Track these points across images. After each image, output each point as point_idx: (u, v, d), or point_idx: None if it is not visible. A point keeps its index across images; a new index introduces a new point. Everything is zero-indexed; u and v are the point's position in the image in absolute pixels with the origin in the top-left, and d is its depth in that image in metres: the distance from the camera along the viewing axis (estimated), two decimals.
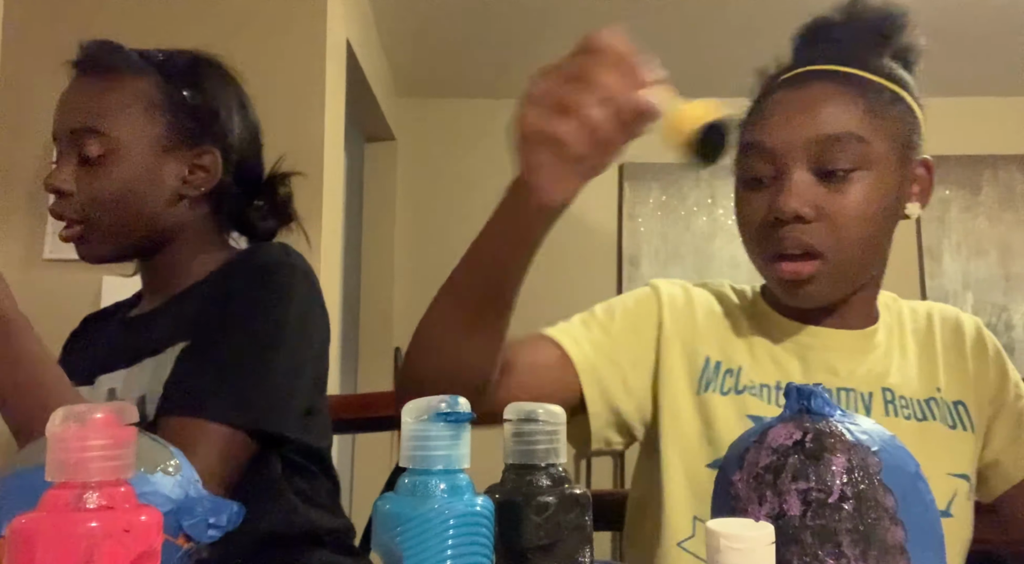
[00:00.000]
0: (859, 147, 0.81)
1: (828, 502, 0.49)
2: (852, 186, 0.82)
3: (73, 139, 0.96)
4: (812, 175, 0.82)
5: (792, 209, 0.80)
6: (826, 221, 0.81)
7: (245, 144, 1.07)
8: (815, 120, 0.82)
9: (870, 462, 0.50)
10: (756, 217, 0.85)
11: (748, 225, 0.87)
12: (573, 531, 0.50)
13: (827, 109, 0.82)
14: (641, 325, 0.93)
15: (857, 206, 0.81)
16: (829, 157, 0.81)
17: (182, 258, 1.03)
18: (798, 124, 0.82)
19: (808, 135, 0.82)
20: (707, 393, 0.89)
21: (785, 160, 0.82)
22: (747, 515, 0.51)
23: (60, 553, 0.35)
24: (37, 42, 2.15)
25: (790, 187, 0.81)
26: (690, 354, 0.91)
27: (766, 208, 0.83)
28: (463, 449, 0.46)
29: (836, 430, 0.52)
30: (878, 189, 0.83)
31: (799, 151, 0.82)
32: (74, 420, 0.37)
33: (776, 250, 0.83)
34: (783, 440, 0.52)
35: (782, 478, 0.51)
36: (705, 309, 0.95)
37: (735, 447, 0.56)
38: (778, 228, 0.82)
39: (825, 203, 0.81)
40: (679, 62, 1.00)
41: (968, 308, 3.45)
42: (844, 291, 0.88)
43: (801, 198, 0.81)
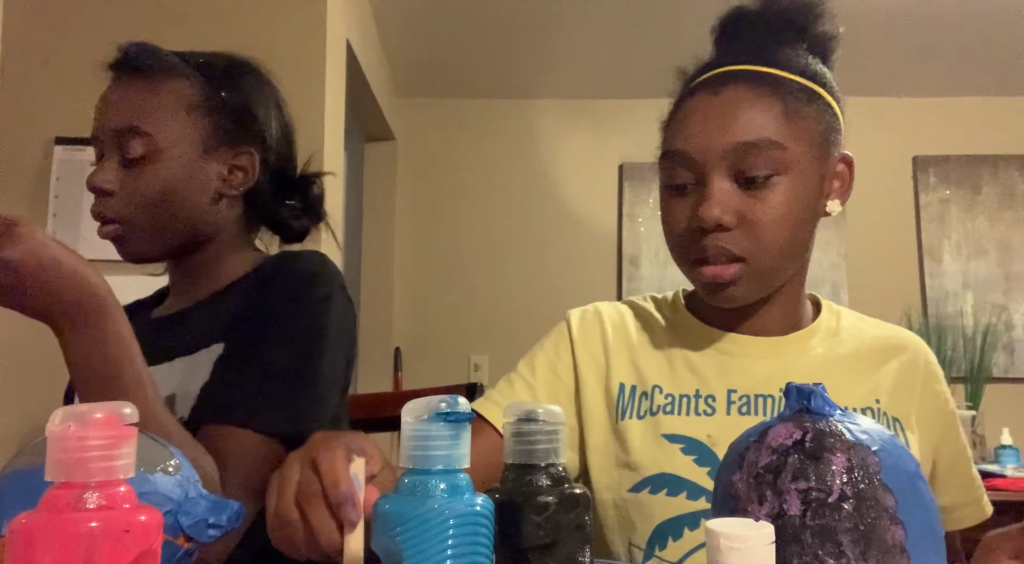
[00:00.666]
0: (777, 153, 0.82)
1: (828, 502, 0.49)
2: (771, 192, 0.83)
3: (116, 139, 0.97)
4: (731, 182, 0.83)
5: (714, 218, 0.82)
6: (747, 227, 0.83)
7: (281, 144, 1.09)
8: (732, 127, 0.83)
9: (870, 462, 0.50)
10: (680, 223, 0.87)
11: (672, 231, 0.89)
12: (573, 531, 0.50)
13: (744, 115, 0.83)
14: (559, 367, 0.96)
15: (777, 211, 0.83)
16: (747, 164, 0.82)
17: (216, 258, 1.04)
18: (716, 131, 0.83)
19: (726, 143, 0.83)
20: (625, 421, 0.90)
21: (705, 168, 0.84)
22: (747, 515, 0.51)
23: (60, 553, 0.35)
24: (37, 42, 2.14)
25: (711, 196, 0.82)
26: (605, 386, 0.93)
27: (689, 215, 0.85)
28: (463, 449, 0.46)
29: (836, 430, 0.52)
30: (797, 192, 0.84)
31: (718, 159, 0.83)
32: (74, 420, 0.37)
33: (699, 255, 0.85)
34: (783, 440, 0.52)
35: (782, 478, 0.51)
36: (618, 331, 0.97)
37: (735, 447, 0.56)
38: (701, 235, 0.84)
39: (746, 210, 0.83)
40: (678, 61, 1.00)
41: (968, 308, 3.45)
42: (766, 291, 0.89)
43: (722, 206, 0.82)
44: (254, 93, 1.05)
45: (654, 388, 0.91)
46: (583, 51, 3.22)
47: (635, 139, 3.65)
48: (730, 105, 0.84)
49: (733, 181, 0.83)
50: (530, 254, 3.57)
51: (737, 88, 0.85)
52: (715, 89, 0.86)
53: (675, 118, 0.89)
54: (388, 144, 3.64)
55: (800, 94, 0.85)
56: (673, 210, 0.88)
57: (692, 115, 0.86)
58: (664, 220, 0.90)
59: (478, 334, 3.50)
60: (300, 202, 1.12)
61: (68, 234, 2.10)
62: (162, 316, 1.06)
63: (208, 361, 0.95)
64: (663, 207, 0.90)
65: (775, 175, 0.83)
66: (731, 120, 0.83)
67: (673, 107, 0.92)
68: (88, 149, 2.11)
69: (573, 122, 3.66)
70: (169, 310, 1.07)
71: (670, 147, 0.88)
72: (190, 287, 1.05)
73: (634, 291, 3.48)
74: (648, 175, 3.63)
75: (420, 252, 3.62)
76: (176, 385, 0.95)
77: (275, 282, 0.97)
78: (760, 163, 0.82)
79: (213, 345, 0.95)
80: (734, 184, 0.83)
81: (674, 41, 1.02)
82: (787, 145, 0.83)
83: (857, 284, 3.44)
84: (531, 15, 2.94)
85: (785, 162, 0.83)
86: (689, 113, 0.87)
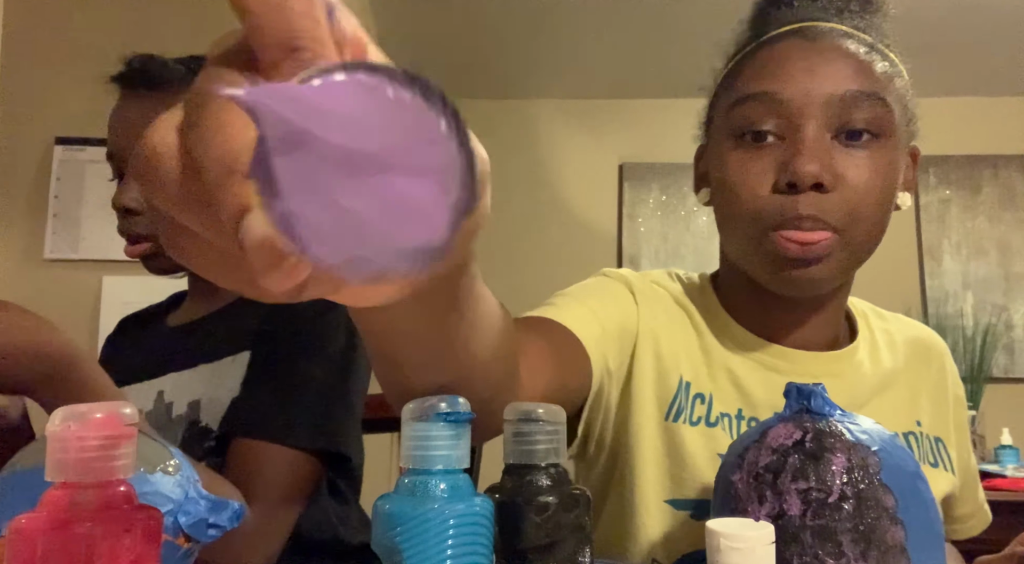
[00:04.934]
0: (883, 110, 0.71)
1: (828, 502, 0.49)
2: (871, 154, 0.71)
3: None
4: (829, 137, 0.71)
5: (812, 172, 0.69)
6: (844, 192, 0.70)
7: None
8: (839, 75, 0.71)
9: (870, 462, 0.50)
10: (758, 181, 0.72)
11: (745, 189, 0.73)
12: (573, 531, 0.50)
13: (852, 65, 0.72)
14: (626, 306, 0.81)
15: (875, 178, 0.71)
16: (852, 117, 0.71)
17: None
18: (821, 76, 0.71)
19: (829, 90, 0.71)
20: (676, 423, 0.77)
21: (801, 115, 0.71)
22: (747, 515, 0.51)
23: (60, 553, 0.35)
24: (37, 42, 2.14)
25: (808, 147, 0.69)
26: (659, 371, 0.79)
27: (773, 171, 0.71)
28: (463, 449, 0.45)
29: (836, 430, 0.52)
30: (892, 163, 0.73)
31: (818, 107, 0.71)
32: (74, 420, 0.37)
33: (781, 222, 0.71)
34: (783, 440, 0.52)
35: (782, 478, 0.51)
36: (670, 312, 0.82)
37: (734, 447, 0.56)
38: (790, 194, 0.70)
39: (844, 170, 0.70)
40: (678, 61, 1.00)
41: (968, 308, 3.45)
42: (842, 278, 0.77)
43: (821, 161, 0.69)
44: None
45: (710, 396, 0.79)
46: (583, 51, 3.22)
47: (635, 139, 3.65)
48: (835, 53, 0.72)
49: (832, 137, 0.71)
50: (530, 254, 3.57)
51: (833, 40, 0.73)
52: (811, 37, 0.74)
53: (753, 65, 0.76)
54: None
55: (890, 63, 0.76)
56: (746, 164, 0.73)
57: (787, 58, 0.73)
58: (731, 176, 0.74)
59: None
60: None
61: (68, 234, 2.11)
62: (182, 323, 1.07)
63: (234, 369, 0.95)
64: (729, 162, 0.74)
65: (878, 136, 0.72)
66: (836, 67, 0.71)
67: (742, 57, 0.79)
68: (88, 149, 2.12)
69: (573, 122, 3.66)
70: (189, 317, 1.07)
71: (753, 90, 0.73)
72: (210, 295, 1.05)
73: None
74: (648, 175, 3.63)
75: None
76: (200, 391, 0.96)
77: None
78: (865, 117, 0.71)
79: (239, 353, 0.96)
80: (833, 141, 0.71)
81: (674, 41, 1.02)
82: (891, 105, 0.72)
83: (857, 284, 3.41)
84: (531, 15, 2.94)
85: (888, 123, 0.72)
86: (782, 56, 0.74)
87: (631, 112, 3.64)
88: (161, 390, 0.99)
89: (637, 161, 3.60)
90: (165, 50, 1.03)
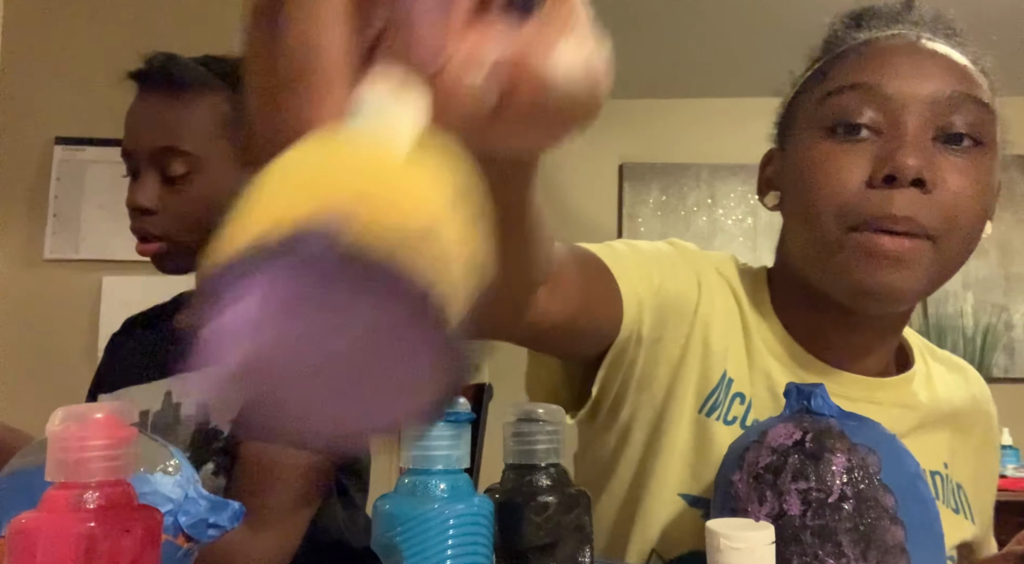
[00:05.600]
0: (987, 116, 0.68)
1: (828, 502, 0.49)
2: (972, 160, 0.67)
3: (154, 158, 0.97)
4: (930, 137, 0.67)
5: (914, 166, 0.63)
6: (943, 197, 0.65)
7: None
8: (947, 75, 0.67)
9: (870, 462, 0.50)
10: (851, 175, 0.66)
11: (836, 182, 0.67)
12: (573, 531, 0.50)
13: (957, 67, 0.68)
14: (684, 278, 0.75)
15: (974, 186, 0.67)
16: (956, 119, 0.67)
17: None
18: (929, 75, 0.67)
19: (934, 89, 0.66)
20: (710, 418, 0.73)
21: (903, 111, 0.66)
22: (747, 515, 0.51)
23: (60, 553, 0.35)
24: (37, 42, 2.15)
25: (910, 142, 0.65)
26: (707, 362, 0.74)
27: (867, 164, 0.66)
28: (463, 449, 0.46)
29: (836, 430, 0.51)
30: (992, 174, 0.69)
31: (923, 105, 0.66)
32: (74, 420, 0.37)
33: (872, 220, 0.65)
34: (783, 440, 0.52)
35: (782, 478, 0.50)
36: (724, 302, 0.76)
37: (734, 447, 0.56)
38: (888, 187, 0.64)
39: (945, 172, 0.66)
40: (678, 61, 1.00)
41: (968, 308, 3.45)
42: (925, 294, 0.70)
43: (924, 157, 0.64)
44: None
45: (750, 400, 0.74)
46: None
47: (635, 139, 3.65)
48: (942, 56, 0.69)
49: (933, 138, 0.67)
50: None
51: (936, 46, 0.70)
52: (912, 40, 0.70)
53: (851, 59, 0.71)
54: None
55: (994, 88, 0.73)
56: (837, 156, 0.67)
57: (894, 53, 0.69)
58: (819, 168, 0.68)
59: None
60: None
61: (68, 234, 2.11)
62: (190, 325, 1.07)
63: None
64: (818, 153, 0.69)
65: (979, 143, 0.68)
66: (945, 68, 0.68)
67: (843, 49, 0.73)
68: (88, 149, 2.12)
69: None
70: None
71: (853, 80, 0.68)
72: None
73: None
74: (648, 175, 3.63)
75: None
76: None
77: None
78: (969, 121, 0.67)
79: None
80: (934, 142, 0.67)
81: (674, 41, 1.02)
82: (995, 112, 0.69)
83: None
84: None
85: (990, 131, 0.68)
86: (888, 51, 0.69)
87: (631, 112, 3.64)
88: (169, 390, 0.99)
89: (637, 161, 3.60)
90: (166, 49, 1.03)
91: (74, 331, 2.05)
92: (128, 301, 1.35)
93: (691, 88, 3.46)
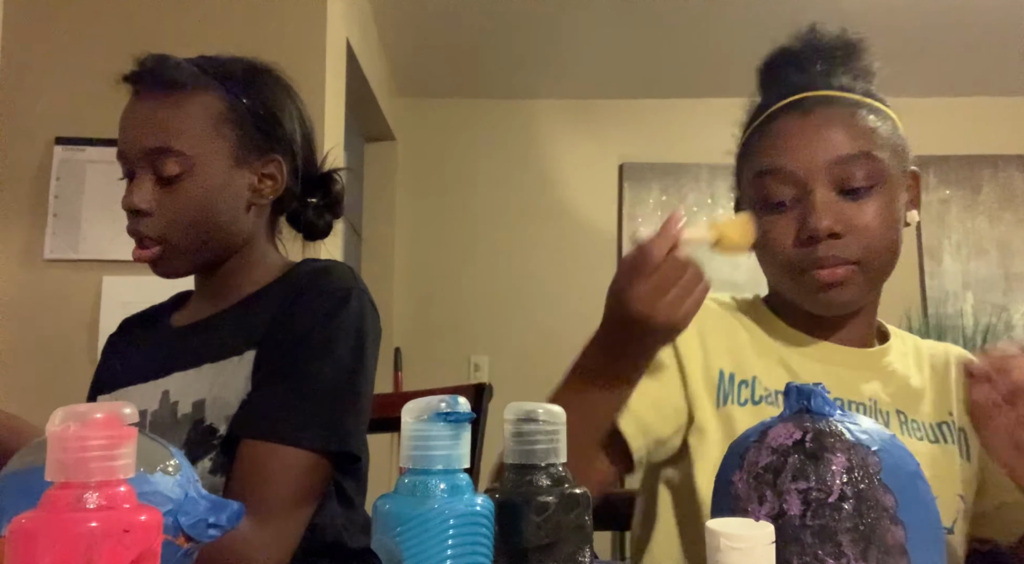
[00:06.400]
0: (873, 164, 0.87)
1: (828, 502, 0.49)
2: (872, 200, 0.87)
3: (148, 159, 0.97)
4: (835, 194, 0.87)
5: (826, 227, 0.85)
6: (855, 234, 0.87)
7: (304, 147, 1.09)
8: (831, 142, 0.87)
9: (870, 462, 0.50)
10: (787, 237, 0.89)
11: (779, 244, 0.90)
12: (573, 531, 0.50)
13: (840, 131, 0.88)
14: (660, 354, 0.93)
15: (880, 217, 0.87)
16: (849, 176, 0.87)
17: (243, 266, 1.05)
18: (817, 147, 0.88)
19: (828, 157, 0.87)
20: (726, 406, 0.91)
21: (808, 182, 0.87)
22: (747, 515, 0.51)
23: (60, 553, 0.35)
24: (37, 42, 2.14)
25: (820, 207, 0.86)
26: (705, 369, 0.93)
27: (795, 228, 0.88)
28: (463, 449, 0.46)
29: (836, 429, 0.52)
30: (893, 200, 0.89)
31: (821, 172, 0.87)
32: (74, 420, 0.37)
33: (812, 263, 0.88)
34: (783, 440, 0.52)
35: (782, 478, 0.51)
36: (712, 319, 0.97)
37: (735, 447, 0.56)
38: (812, 245, 0.87)
39: (852, 217, 0.87)
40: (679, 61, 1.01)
41: (968, 308, 3.45)
42: (869, 296, 0.94)
43: (832, 216, 0.86)
44: (275, 99, 1.06)
45: (753, 379, 0.92)
46: (583, 51, 3.22)
47: (635, 139, 3.65)
48: (825, 123, 0.89)
49: (836, 193, 0.87)
50: (530, 254, 3.57)
51: (824, 109, 0.90)
52: (803, 111, 0.90)
53: (763, 141, 0.92)
54: (388, 144, 3.64)
55: (877, 113, 0.91)
56: (776, 226, 0.90)
57: (787, 135, 0.90)
58: (763, 235, 0.91)
59: (478, 334, 3.50)
60: (322, 199, 1.13)
61: (68, 234, 2.11)
62: (188, 324, 1.07)
63: (240, 368, 0.96)
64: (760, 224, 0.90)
65: (874, 185, 0.87)
66: (829, 136, 0.88)
67: (749, 134, 0.96)
68: (88, 149, 2.12)
69: (573, 122, 3.66)
70: (194, 317, 1.07)
71: (769, 166, 0.90)
72: (216, 294, 1.05)
73: None
74: (648, 175, 3.63)
75: (420, 252, 3.62)
76: (205, 391, 0.96)
77: (311, 298, 0.97)
78: (861, 175, 0.87)
79: (245, 353, 0.96)
80: (837, 196, 0.87)
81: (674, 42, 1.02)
82: (881, 157, 0.88)
83: None
84: (531, 15, 2.95)
85: (881, 173, 0.88)
86: (783, 133, 0.90)
87: (631, 112, 3.64)
88: (166, 390, 0.98)
89: (637, 161, 3.60)
90: (165, 50, 1.03)
91: (74, 331, 2.05)
92: (128, 301, 1.35)
93: (691, 88, 3.46)
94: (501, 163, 3.64)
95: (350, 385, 0.95)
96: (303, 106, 1.11)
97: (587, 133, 3.67)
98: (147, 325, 1.14)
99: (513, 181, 3.62)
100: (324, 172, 1.13)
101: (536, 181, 3.62)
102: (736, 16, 2.94)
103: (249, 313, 1.00)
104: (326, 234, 1.15)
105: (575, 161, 3.65)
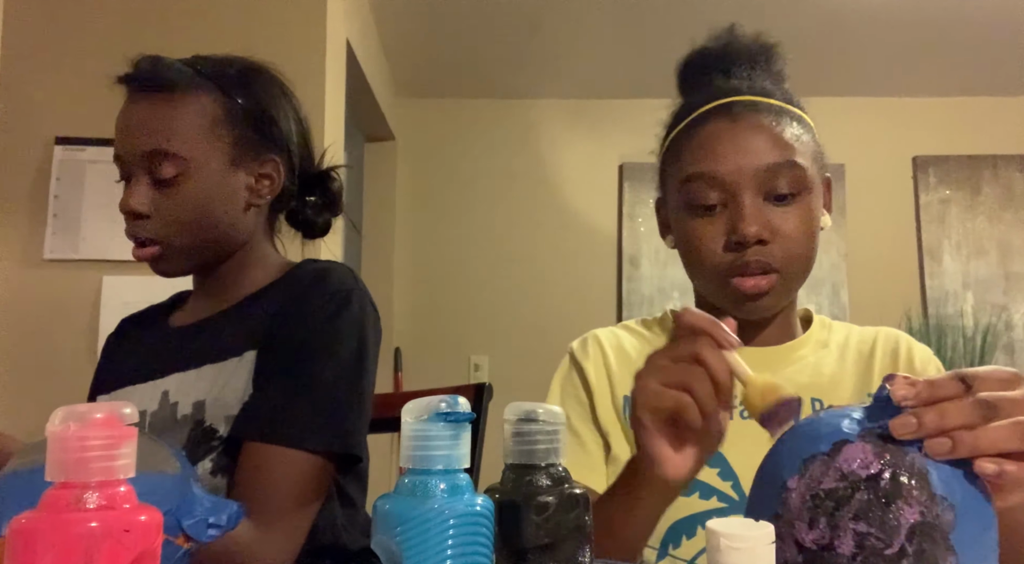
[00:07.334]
0: (799, 172, 0.89)
1: (884, 554, 0.46)
2: (797, 208, 0.90)
3: (144, 161, 0.97)
4: (762, 200, 0.89)
5: (755, 233, 0.87)
6: (780, 241, 0.89)
7: (301, 146, 1.09)
8: (760, 150, 0.89)
9: (943, 521, 0.46)
10: (713, 241, 0.90)
11: (704, 249, 0.91)
12: (573, 531, 0.50)
13: (769, 139, 0.89)
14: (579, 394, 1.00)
15: (804, 225, 0.90)
16: (777, 183, 0.88)
17: (242, 266, 1.05)
18: (746, 154, 0.89)
19: (757, 164, 0.88)
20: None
21: (736, 188, 0.88)
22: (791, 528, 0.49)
23: (60, 553, 0.35)
24: (37, 42, 2.14)
25: (749, 214, 0.87)
26: (612, 400, 0.98)
27: (723, 233, 0.89)
28: (463, 449, 0.45)
29: (919, 469, 0.47)
30: (814, 207, 0.92)
31: (749, 179, 0.88)
32: (74, 420, 0.37)
33: (736, 269, 0.89)
34: (857, 468, 0.48)
35: (843, 511, 0.47)
36: (617, 351, 1.01)
37: (798, 446, 0.52)
38: (738, 250, 0.88)
39: (778, 225, 0.89)
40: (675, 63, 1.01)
41: (968, 308, 3.45)
42: (787, 301, 0.96)
43: (760, 223, 0.88)
44: (271, 99, 1.05)
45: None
46: (583, 51, 3.22)
47: (635, 139, 3.63)
48: (753, 130, 0.90)
49: (763, 200, 0.89)
50: (530, 254, 3.57)
51: (751, 116, 0.91)
52: (731, 116, 0.91)
53: (691, 144, 0.93)
54: (388, 144, 3.64)
55: (799, 121, 0.93)
56: (702, 229, 0.91)
57: (717, 140, 0.90)
58: (691, 239, 0.92)
59: (478, 334, 3.50)
60: (320, 197, 1.13)
61: (68, 234, 2.11)
62: (186, 324, 1.06)
63: (240, 369, 0.95)
64: (688, 227, 0.93)
65: (799, 193, 0.89)
66: (758, 143, 0.89)
67: (675, 135, 0.97)
68: (88, 149, 2.12)
69: (573, 122, 3.66)
70: (193, 317, 1.07)
71: (697, 170, 0.91)
72: (218, 294, 1.05)
73: (634, 291, 3.48)
74: (648, 175, 3.63)
75: (420, 252, 3.62)
76: (205, 391, 0.96)
77: (312, 300, 0.97)
78: (787, 183, 0.88)
79: (245, 353, 0.96)
80: (763, 202, 0.89)
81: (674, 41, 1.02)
82: (804, 165, 0.90)
83: (857, 284, 3.43)
84: (531, 15, 2.94)
85: (804, 181, 0.89)
86: (712, 138, 0.91)
87: (631, 112, 3.63)
88: (166, 390, 0.98)
89: (637, 161, 3.60)
90: (166, 50, 1.03)
91: (74, 331, 2.05)
92: (128, 301, 1.35)
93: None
94: (501, 163, 3.64)
95: (352, 387, 0.95)
96: (299, 104, 1.10)
97: (587, 133, 3.66)
98: (145, 325, 1.13)
99: (513, 181, 3.62)
100: (322, 170, 1.13)
101: (536, 181, 3.62)
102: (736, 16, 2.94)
103: (249, 314, 1.00)
104: (325, 232, 1.14)
105: (575, 161, 3.65)
